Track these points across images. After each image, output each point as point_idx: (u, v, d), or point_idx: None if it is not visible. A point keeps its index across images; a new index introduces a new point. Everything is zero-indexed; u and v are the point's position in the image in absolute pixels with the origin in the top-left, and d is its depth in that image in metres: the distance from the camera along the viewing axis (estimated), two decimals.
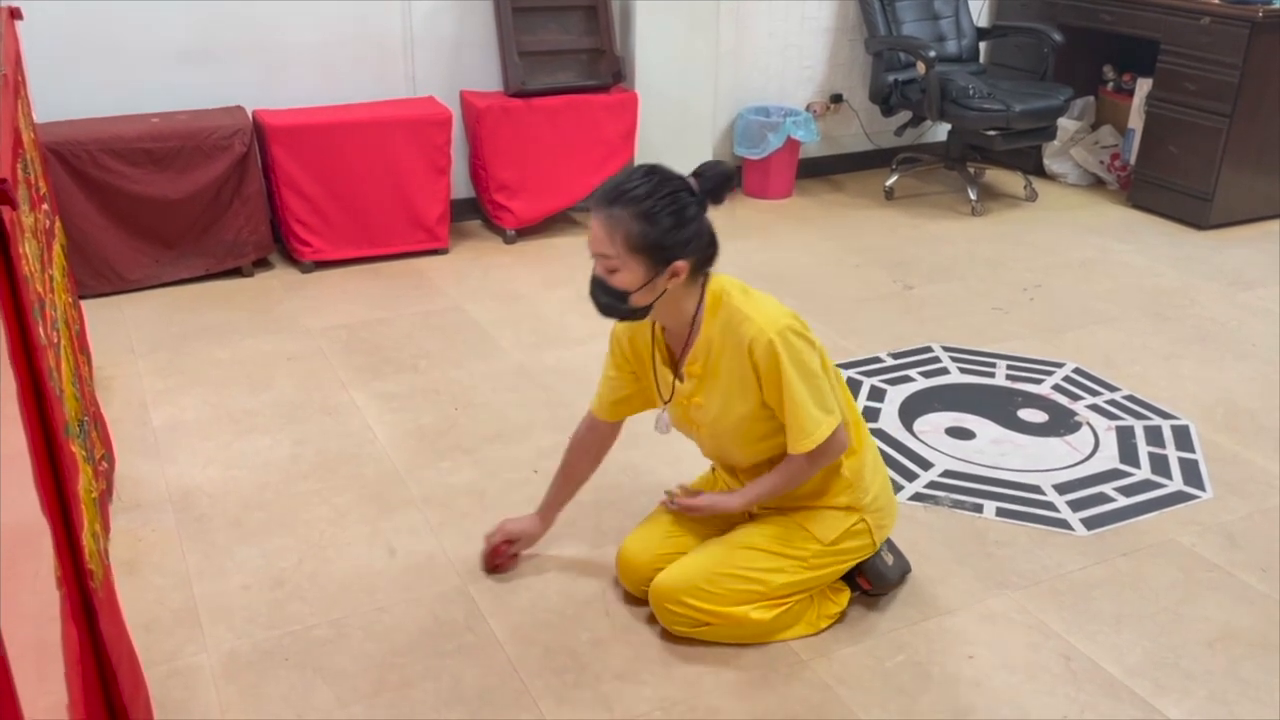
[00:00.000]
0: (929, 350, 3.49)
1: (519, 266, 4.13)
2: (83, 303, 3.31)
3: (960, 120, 4.73)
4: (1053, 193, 5.14)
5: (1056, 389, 3.24)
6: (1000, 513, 2.62)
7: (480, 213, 4.53)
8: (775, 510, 2.20)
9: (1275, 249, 4.43)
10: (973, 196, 4.84)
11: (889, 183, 5.04)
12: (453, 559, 2.41)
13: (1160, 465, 2.85)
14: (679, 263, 1.94)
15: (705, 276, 2.04)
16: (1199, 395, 3.22)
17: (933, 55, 4.63)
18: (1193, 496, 2.71)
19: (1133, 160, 4.94)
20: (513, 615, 2.24)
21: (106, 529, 2.27)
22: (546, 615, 2.24)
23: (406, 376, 3.24)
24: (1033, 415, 3.10)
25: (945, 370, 3.36)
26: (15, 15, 2.82)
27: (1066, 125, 5.15)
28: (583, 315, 3.68)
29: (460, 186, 4.40)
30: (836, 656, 2.14)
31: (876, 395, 3.19)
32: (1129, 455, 2.89)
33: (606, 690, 2.04)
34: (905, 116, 5.11)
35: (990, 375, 3.33)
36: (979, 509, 2.64)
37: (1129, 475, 2.80)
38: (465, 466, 2.78)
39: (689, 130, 4.73)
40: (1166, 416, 3.09)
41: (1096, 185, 5.24)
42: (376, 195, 4.02)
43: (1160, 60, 4.65)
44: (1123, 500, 2.69)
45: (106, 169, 3.60)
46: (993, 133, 4.68)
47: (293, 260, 4.04)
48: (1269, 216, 4.76)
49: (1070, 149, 5.24)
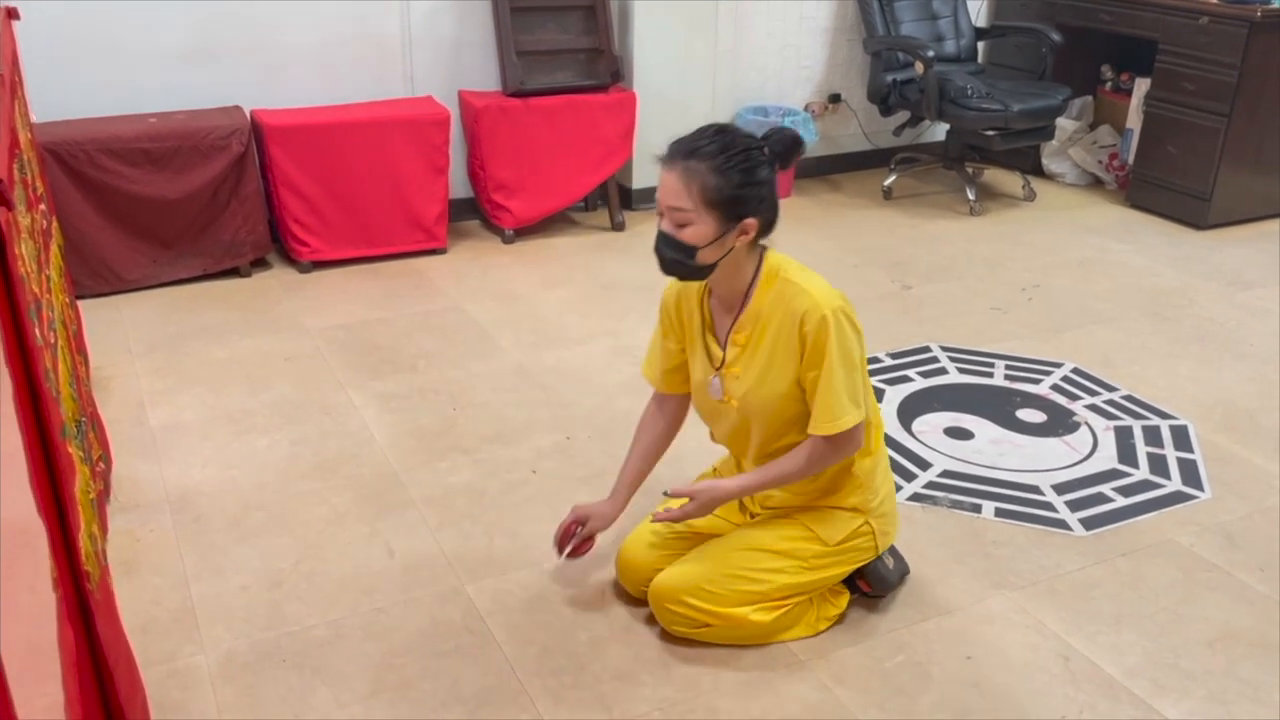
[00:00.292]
0: (927, 350, 3.49)
1: (517, 266, 4.12)
2: (80, 303, 3.31)
3: (959, 120, 4.73)
4: (1051, 192, 5.14)
5: (1055, 389, 3.24)
6: (999, 513, 2.62)
7: (479, 212, 4.53)
8: (780, 510, 2.20)
9: (1273, 249, 4.44)
10: (971, 196, 4.84)
11: (887, 182, 5.04)
12: (451, 559, 2.41)
13: (1159, 465, 2.85)
14: (750, 220, 1.96)
15: (762, 250, 2.06)
16: (1197, 395, 3.22)
17: (931, 55, 4.63)
18: (1191, 496, 2.71)
19: (1131, 160, 4.94)
20: (511, 615, 2.24)
21: (104, 530, 2.26)
22: (545, 616, 2.24)
23: (405, 376, 3.23)
24: (1031, 415, 3.10)
25: (944, 370, 3.36)
26: (13, 15, 2.82)
27: (1065, 125, 5.15)
28: (581, 315, 3.68)
29: (458, 186, 4.40)
30: (835, 657, 2.14)
31: (875, 396, 3.18)
32: (1127, 455, 2.89)
33: (605, 691, 2.04)
34: (903, 116, 5.11)
35: (989, 375, 3.33)
36: (978, 509, 2.64)
37: (1127, 475, 2.80)
38: (464, 467, 2.77)
39: (687, 130, 4.71)
40: (1165, 416, 3.09)
41: (1095, 185, 5.24)
42: (375, 195, 4.01)
43: (1158, 60, 4.65)
44: (1121, 500, 2.69)
45: (104, 169, 3.59)
46: (991, 132, 4.68)
47: (291, 260, 4.04)
48: (1267, 216, 4.76)
49: (1069, 149, 5.24)
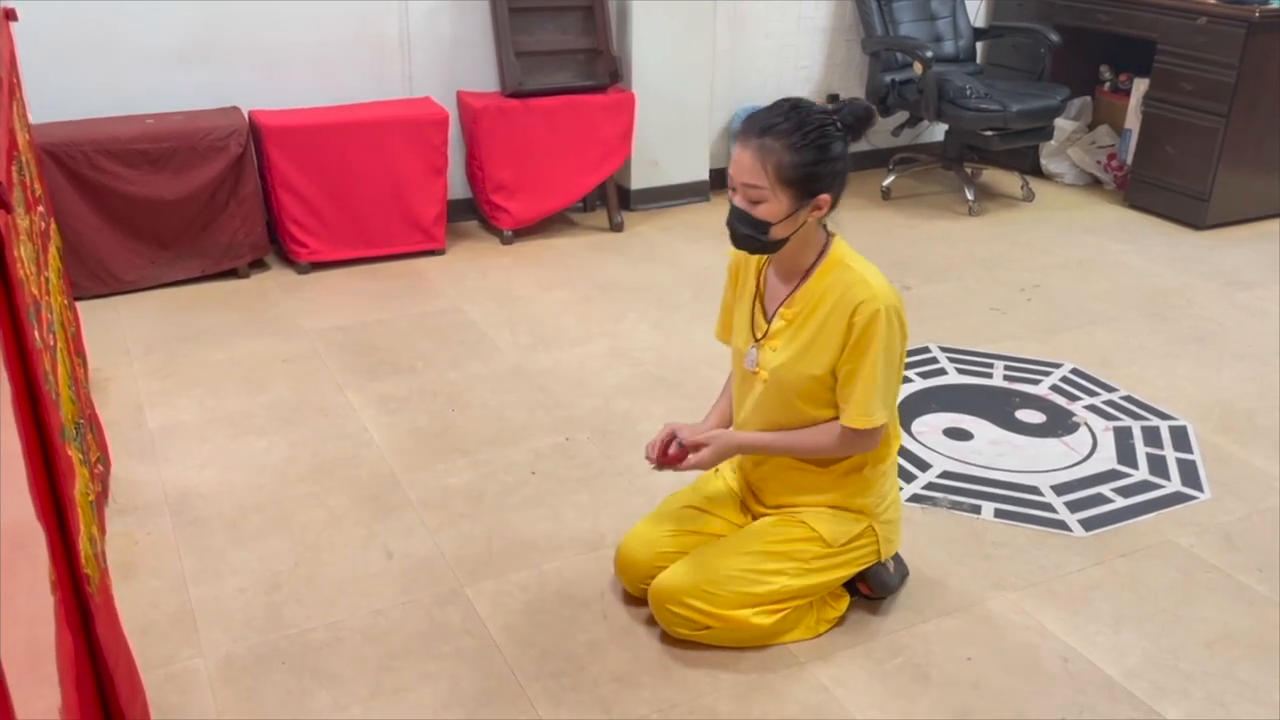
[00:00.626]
0: (926, 351, 3.49)
1: (516, 267, 4.12)
2: (78, 304, 3.30)
3: (957, 120, 4.73)
4: (1050, 193, 5.14)
5: (1054, 389, 3.24)
6: (998, 514, 2.62)
7: (477, 213, 4.53)
8: (784, 511, 2.20)
9: (1272, 249, 4.44)
10: (970, 197, 4.84)
11: (886, 183, 5.04)
12: (450, 561, 2.41)
13: (1158, 466, 2.85)
14: (823, 195, 1.98)
15: (832, 235, 2.09)
16: (1196, 396, 3.22)
17: (930, 55, 4.63)
18: (1190, 497, 2.71)
19: (1129, 160, 4.94)
20: (510, 618, 2.23)
21: (102, 532, 2.26)
22: (544, 618, 2.23)
23: (403, 378, 3.23)
24: (1030, 416, 3.10)
25: (943, 371, 3.36)
26: (10, 16, 2.81)
27: (1063, 125, 5.15)
28: (580, 316, 3.68)
29: (457, 187, 4.39)
30: (835, 659, 2.14)
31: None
32: (1127, 456, 2.89)
33: (604, 693, 2.04)
34: (902, 117, 5.10)
35: (988, 376, 3.33)
36: (977, 510, 2.64)
37: (1127, 476, 2.80)
38: (462, 468, 2.77)
39: (686, 130, 4.73)
40: (1164, 417, 3.09)
41: (1093, 185, 5.24)
42: (373, 196, 4.01)
43: (1157, 60, 4.65)
44: (1121, 501, 2.69)
45: (102, 170, 3.59)
46: (990, 133, 4.68)
47: (289, 261, 4.03)
48: (1265, 216, 4.76)
49: (1067, 149, 5.24)
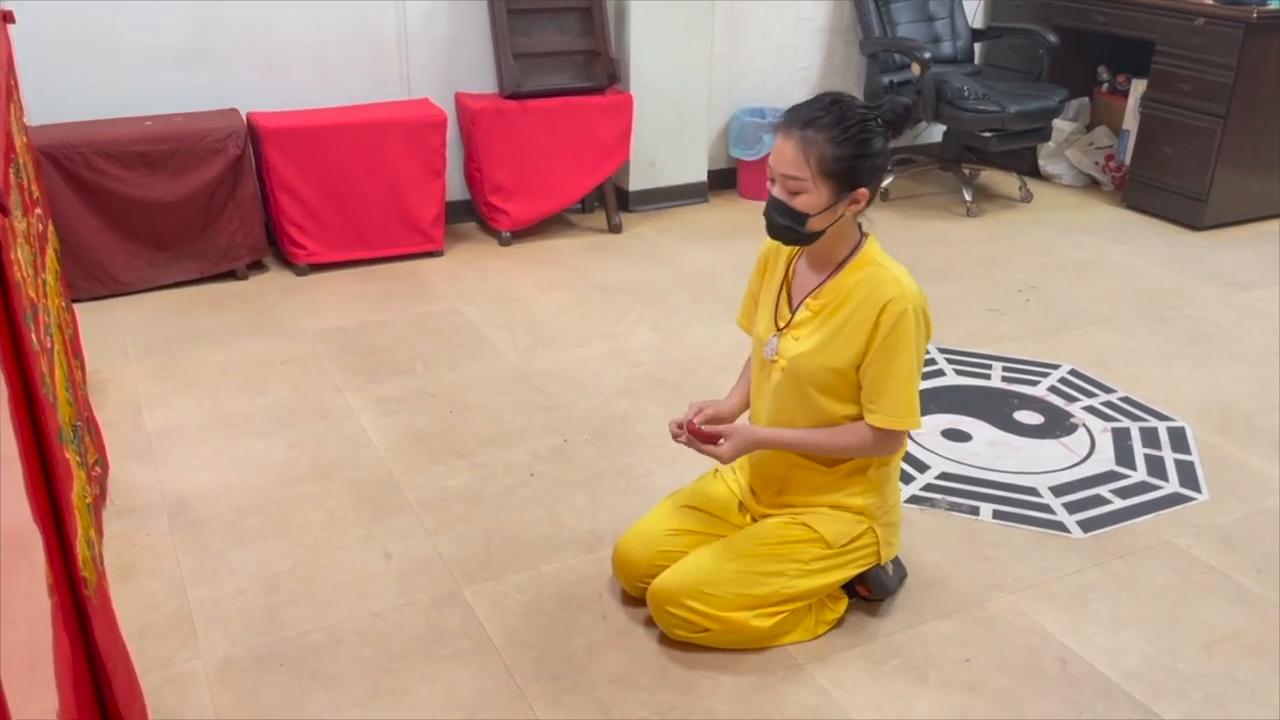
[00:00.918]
0: (925, 351, 3.48)
1: (514, 269, 4.12)
2: (76, 306, 3.30)
3: (955, 121, 4.74)
4: (1048, 194, 5.14)
5: (1052, 391, 3.24)
6: (996, 515, 2.62)
7: (475, 215, 4.53)
8: (784, 511, 2.20)
9: (1270, 249, 4.44)
10: (968, 198, 4.85)
11: (884, 184, 5.03)
12: (448, 563, 2.40)
13: (1156, 467, 2.85)
14: (862, 189, 1.98)
15: (866, 234, 2.09)
16: (1194, 397, 3.22)
17: (928, 56, 4.63)
18: (1189, 498, 2.71)
19: (1127, 161, 4.95)
20: (508, 619, 2.23)
21: (100, 534, 2.26)
22: (542, 619, 2.23)
23: (402, 379, 3.23)
24: (1028, 417, 3.10)
25: (941, 372, 3.36)
26: (8, 18, 2.81)
27: (1061, 126, 5.16)
28: (579, 318, 3.68)
29: (455, 188, 4.39)
30: (833, 660, 2.14)
31: None
32: (1125, 457, 2.89)
33: (603, 695, 2.04)
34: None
35: (986, 377, 3.33)
36: (975, 511, 2.64)
37: (1125, 477, 2.80)
38: (461, 470, 2.77)
39: (684, 131, 4.74)
40: (1162, 418, 3.09)
41: (1091, 186, 5.25)
42: (371, 197, 4.01)
43: (1155, 61, 4.66)
44: (1119, 502, 2.69)
45: (100, 172, 3.59)
46: (988, 134, 4.68)
47: (287, 263, 4.03)
48: (1264, 217, 4.77)
49: (1065, 150, 5.25)
